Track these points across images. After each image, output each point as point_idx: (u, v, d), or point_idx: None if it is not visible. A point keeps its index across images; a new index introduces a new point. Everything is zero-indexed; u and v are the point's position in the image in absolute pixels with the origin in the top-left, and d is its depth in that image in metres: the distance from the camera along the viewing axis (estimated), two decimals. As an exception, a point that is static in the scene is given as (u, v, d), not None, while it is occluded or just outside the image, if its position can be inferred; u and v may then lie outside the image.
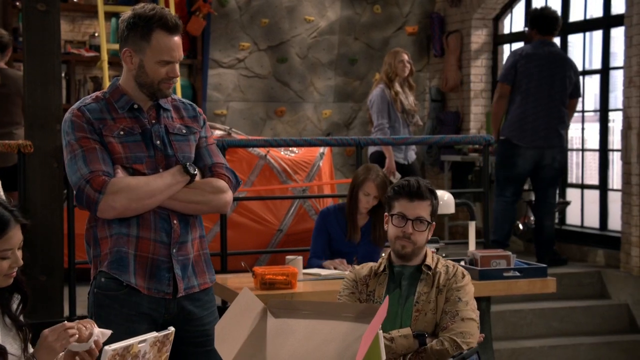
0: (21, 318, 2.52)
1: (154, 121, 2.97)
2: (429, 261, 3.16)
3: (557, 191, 7.16)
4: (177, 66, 2.94)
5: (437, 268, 3.16)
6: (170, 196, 2.90)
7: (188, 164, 2.95)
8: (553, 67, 6.74)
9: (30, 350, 2.50)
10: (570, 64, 6.86)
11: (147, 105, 2.98)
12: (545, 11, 6.92)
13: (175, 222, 2.93)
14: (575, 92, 6.86)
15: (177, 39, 2.91)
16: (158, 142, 2.95)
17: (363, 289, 3.16)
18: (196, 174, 2.95)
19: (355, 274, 3.22)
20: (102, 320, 2.89)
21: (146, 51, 2.89)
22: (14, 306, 2.53)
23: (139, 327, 2.83)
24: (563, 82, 6.73)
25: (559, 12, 7.90)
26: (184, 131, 3.02)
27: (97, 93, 3.01)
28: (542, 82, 6.71)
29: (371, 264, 3.27)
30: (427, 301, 3.08)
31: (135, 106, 2.96)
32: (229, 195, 3.00)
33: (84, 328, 2.36)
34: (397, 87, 6.87)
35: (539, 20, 6.84)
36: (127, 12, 2.95)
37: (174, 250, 2.93)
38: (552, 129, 6.74)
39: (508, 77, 6.80)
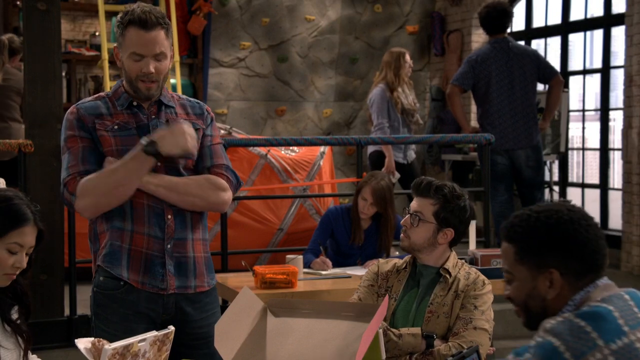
0: (19, 322, 2.48)
1: (153, 116, 2.95)
2: (448, 265, 3.12)
3: (543, 190, 7.00)
4: (155, 64, 2.86)
5: (458, 274, 3.11)
6: (141, 179, 2.82)
7: (145, 142, 2.82)
8: (510, 65, 6.51)
9: (30, 356, 2.49)
10: (528, 54, 6.58)
11: (147, 103, 2.96)
12: (490, 10, 6.60)
13: (169, 217, 2.90)
14: (550, 74, 6.58)
15: (153, 34, 2.84)
16: None
17: (382, 283, 3.17)
18: (156, 149, 2.81)
19: (378, 267, 3.22)
20: (101, 319, 2.90)
21: (123, 46, 2.89)
22: (14, 315, 2.49)
23: (137, 326, 2.82)
24: (523, 78, 6.52)
25: (560, 12, 7.92)
26: None
27: (101, 93, 3.03)
28: (501, 84, 6.54)
29: (396, 260, 3.26)
30: (441, 304, 3.06)
31: (135, 103, 2.95)
32: (227, 195, 2.96)
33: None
34: (399, 87, 6.85)
35: (485, 21, 6.61)
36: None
37: (168, 246, 2.90)
38: (519, 129, 6.57)
39: (465, 82, 6.57)
